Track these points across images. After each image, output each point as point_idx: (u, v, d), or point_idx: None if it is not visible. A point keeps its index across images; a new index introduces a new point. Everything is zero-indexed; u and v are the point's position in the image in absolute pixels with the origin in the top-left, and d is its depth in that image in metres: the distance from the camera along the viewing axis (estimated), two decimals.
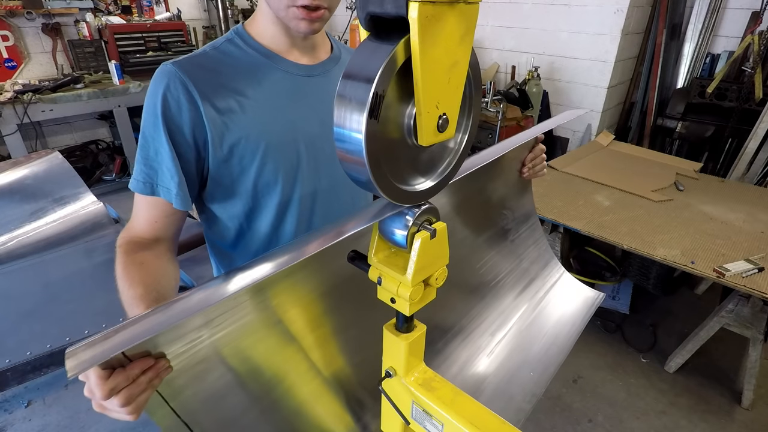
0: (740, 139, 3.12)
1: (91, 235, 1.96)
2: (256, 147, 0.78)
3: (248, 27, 0.84)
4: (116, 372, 0.48)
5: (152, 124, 0.74)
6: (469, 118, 0.58)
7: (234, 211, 0.85)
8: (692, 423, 1.94)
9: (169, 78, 0.74)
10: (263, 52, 0.82)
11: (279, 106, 0.81)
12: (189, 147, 0.76)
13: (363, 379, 0.80)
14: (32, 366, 1.47)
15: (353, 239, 0.58)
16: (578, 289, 1.32)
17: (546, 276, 1.30)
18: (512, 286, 1.20)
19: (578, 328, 1.19)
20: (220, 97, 0.76)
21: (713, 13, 3.26)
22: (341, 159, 0.48)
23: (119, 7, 4.02)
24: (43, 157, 2.20)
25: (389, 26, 0.43)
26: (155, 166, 0.76)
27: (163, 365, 0.51)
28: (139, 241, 0.79)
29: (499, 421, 0.60)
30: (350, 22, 4.28)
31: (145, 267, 0.74)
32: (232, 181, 0.81)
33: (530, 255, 1.27)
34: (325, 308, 0.71)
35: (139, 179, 0.78)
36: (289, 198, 0.85)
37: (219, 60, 0.79)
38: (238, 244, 0.89)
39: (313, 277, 0.67)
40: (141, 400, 0.50)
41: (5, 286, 1.68)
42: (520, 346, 1.11)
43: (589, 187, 2.48)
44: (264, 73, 0.81)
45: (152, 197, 0.78)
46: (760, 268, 1.75)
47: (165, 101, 0.73)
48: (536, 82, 3.64)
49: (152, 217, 0.80)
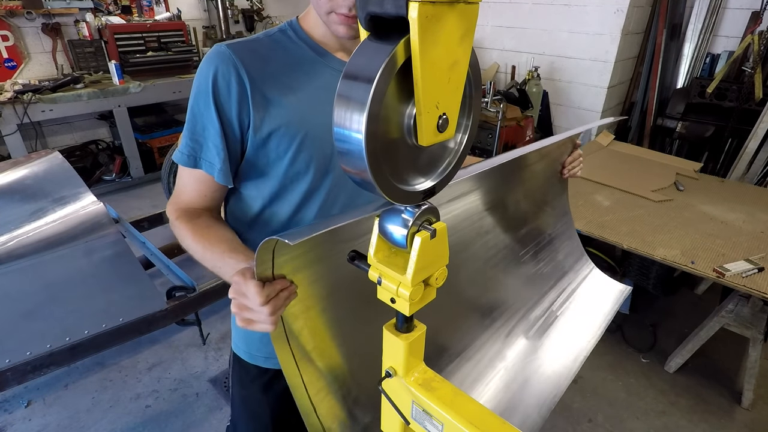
0: (740, 139, 3.12)
1: (91, 235, 1.95)
2: (294, 136, 0.81)
3: (302, 21, 0.86)
4: (267, 284, 0.58)
5: (203, 101, 0.78)
6: (469, 118, 0.58)
7: (261, 191, 0.88)
8: (692, 423, 1.94)
9: (221, 59, 0.77)
10: (313, 46, 0.84)
11: (321, 100, 0.83)
12: (234, 127, 0.80)
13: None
14: (32, 366, 1.47)
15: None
16: (607, 283, 1.45)
17: (578, 270, 1.43)
18: (549, 276, 1.32)
19: (607, 317, 1.31)
20: (268, 84, 0.79)
21: (713, 13, 3.26)
22: (341, 158, 0.48)
23: (119, 7, 4.02)
24: (43, 157, 2.20)
25: (389, 26, 0.43)
26: (201, 141, 0.81)
27: (293, 288, 0.61)
28: (193, 210, 0.86)
29: (499, 421, 0.60)
30: None
31: (214, 228, 0.81)
32: (267, 163, 0.84)
33: (565, 248, 1.39)
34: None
35: (184, 152, 0.82)
36: (316, 187, 0.87)
37: (271, 48, 0.82)
38: (256, 224, 0.92)
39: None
40: (279, 313, 0.60)
41: (5, 286, 1.68)
42: (556, 331, 1.23)
43: (589, 187, 2.47)
44: (311, 67, 0.83)
45: (196, 170, 0.83)
46: (760, 268, 1.75)
47: (215, 80, 0.76)
48: (536, 82, 3.64)
49: (201, 189, 0.86)
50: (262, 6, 4.93)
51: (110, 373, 2.12)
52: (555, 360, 1.15)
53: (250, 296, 0.58)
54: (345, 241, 0.69)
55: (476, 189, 1.00)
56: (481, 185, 1.01)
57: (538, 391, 1.06)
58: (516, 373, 1.08)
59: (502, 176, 1.08)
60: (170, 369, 2.14)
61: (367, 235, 0.61)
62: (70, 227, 1.94)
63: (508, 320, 1.16)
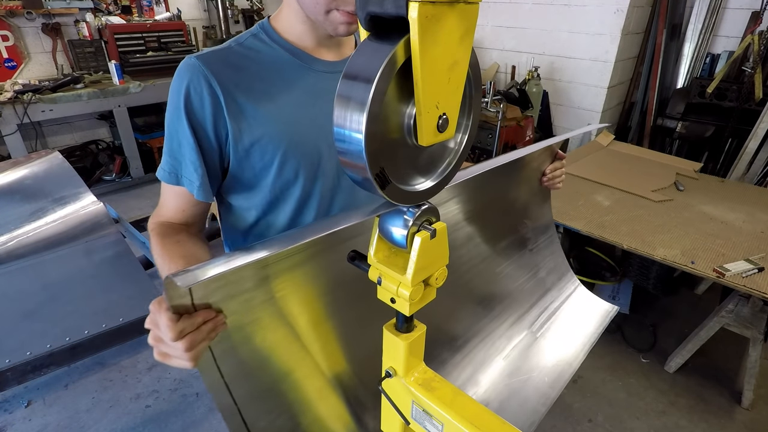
0: (740, 139, 3.12)
1: (91, 235, 1.96)
2: (277, 144, 0.79)
3: (274, 22, 0.83)
4: (184, 317, 0.52)
5: (175, 117, 0.76)
6: (469, 118, 0.58)
7: (252, 203, 0.86)
8: (692, 423, 1.94)
9: (192, 72, 0.74)
10: (290, 49, 0.81)
11: (302, 104, 0.80)
12: (211, 141, 0.77)
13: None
14: (32, 366, 1.47)
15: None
16: (593, 302, 1.36)
17: (562, 287, 1.34)
18: (530, 293, 1.23)
19: (592, 338, 1.22)
20: (243, 93, 0.76)
21: (713, 13, 3.26)
22: (341, 158, 0.48)
23: (119, 7, 4.02)
24: (43, 157, 2.20)
25: (389, 26, 0.43)
26: (179, 157, 0.78)
27: (221, 319, 0.55)
28: (171, 224, 0.83)
29: (499, 421, 0.60)
30: None
31: (182, 244, 0.77)
32: (253, 175, 0.82)
33: (547, 265, 1.31)
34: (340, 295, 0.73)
35: (165, 169, 0.80)
36: (308, 195, 0.86)
37: (243, 55, 0.79)
38: (254, 234, 0.91)
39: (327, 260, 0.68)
40: (200, 348, 0.54)
41: (5, 286, 1.68)
42: (535, 351, 1.15)
43: (589, 187, 2.47)
44: (288, 70, 0.80)
45: (178, 187, 0.81)
46: (760, 268, 1.75)
47: (187, 95, 0.74)
48: (536, 82, 3.64)
49: (180, 205, 0.83)
50: (262, 6, 4.94)
51: (110, 373, 2.12)
52: (532, 386, 1.07)
53: (162, 329, 0.52)
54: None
55: (447, 201, 0.92)
56: (452, 197, 0.93)
57: (514, 419, 0.99)
58: (490, 399, 1.01)
59: (474, 188, 0.98)
60: (170, 369, 2.14)
61: (367, 235, 0.61)
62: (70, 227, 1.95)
63: (482, 343, 1.08)
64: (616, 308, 1.34)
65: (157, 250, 0.76)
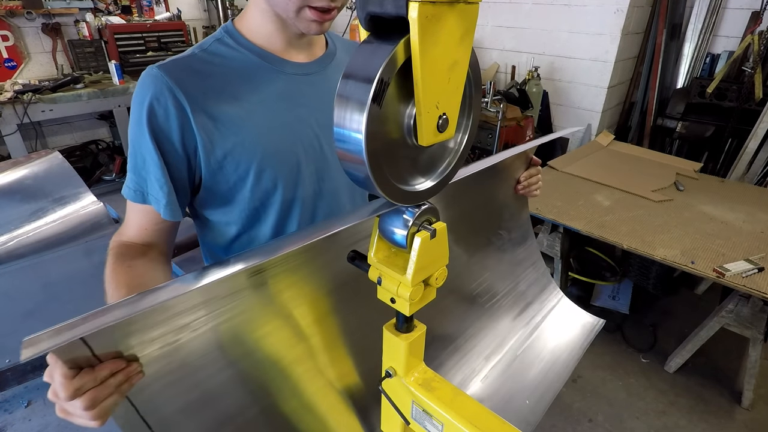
0: (740, 139, 3.12)
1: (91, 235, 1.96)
2: (252, 154, 0.75)
3: (239, 25, 0.79)
4: (83, 372, 0.45)
5: (138, 132, 0.71)
6: (469, 118, 0.58)
7: (231, 217, 0.81)
8: (692, 423, 1.94)
9: (154, 84, 0.69)
10: (257, 51, 0.77)
11: (275, 110, 0.77)
12: (179, 155, 0.73)
13: (362, 381, 0.80)
14: (32, 366, 1.47)
15: (351, 234, 0.57)
16: (577, 315, 1.28)
17: (544, 300, 1.27)
18: (509, 309, 1.16)
19: (577, 355, 1.15)
20: (212, 102, 0.72)
21: (713, 13, 3.26)
22: (341, 159, 0.48)
23: (119, 7, 4.02)
24: (43, 157, 2.20)
25: (389, 26, 0.43)
26: (144, 174, 0.74)
27: (134, 369, 0.48)
28: (130, 245, 0.78)
29: (499, 422, 0.60)
30: (350, 22, 4.28)
31: (133, 270, 0.71)
32: (228, 188, 0.77)
33: (527, 277, 1.24)
34: (323, 309, 0.70)
35: (130, 187, 0.75)
36: (290, 204, 0.82)
37: (209, 62, 0.75)
38: (237, 248, 0.86)
39: (306, 273, 0.65)
40: (107, 404, 0.47)
41: (5, 286, 1.68)
42: (515, 372, 1.07)
43: (589, 187, 2.47)
44: (258, 75, 0.77)
45: (144, 206, 0.76)
46: (760, 268, 1.75)
47: (151, 108, 0.69)
48: (536, 82, 3.64)
49: (143, 224, 0.78)
50: None
51: None
52: (512, 410, 0.99)
53: (56, 386, 0.45)
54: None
55: None
56: None
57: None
58: None
59: (441, 201, 0.91)
60: None
61: (367, 235, 0.61)
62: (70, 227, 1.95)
63: (458, 365, 1.00)
64: (601, 321, 1.27)
65: (106, 275, 0.70)
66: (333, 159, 0.84)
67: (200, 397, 0.56)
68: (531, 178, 1.10)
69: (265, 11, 0.76)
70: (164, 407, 0.53)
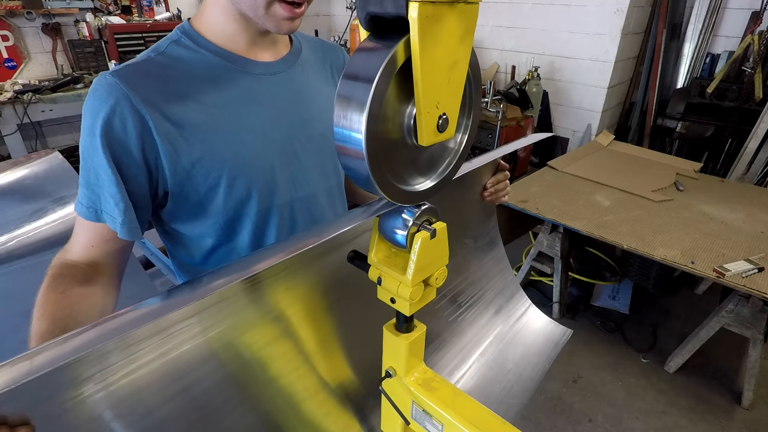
0: (740, 139, 3.12)
1: None
2: (222, 161, 0.70)
3: (197, 24, 0.73)
4: None
5: (90, 145, 0.64)
6: (469, 118, 0.58)
7: (204, 229, 0.76)
8: (692, 423, 1.94)
9: (109, 92, 0.64)
10: (219, 52, 0.72)
11: (243, 113, 0.72)
12: (139, 168, 0.66)
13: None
14: None
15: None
16: (545, 325, 1.22)
17: (511, 309, 1.21)
18: (473, 321, 1.10)
19: (543, 366, 1.09)
20: (174, 109, 0.67)
21: (713, 13, 3.26)
22: (342, 159, 0.48)
23: (119, 7, 4.01)
24: (43, 157, 2.20)
25: (389, 26, 0.43)
26: (96, 190, 0.67)
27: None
28: (72, 265, 0.69)
29: (499, 422, 0.60)
30: (350, 22, 4.28)
31: (65, 299, 0.63)
32: (199, 199, 0.72)
33: (495, 286, 1.17)
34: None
35: (83, 203, 0.68)
36: (266, 212, 0.77)
37: (168, 66, 0.69)
38: (212, 261, 0.80)
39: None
40: None
41: (5, 286, 1.68)
42: (481, 384, 1.02)
43: (589, 187, 2.48)
44: (222, 77, 0.72)
45: (97, 224, 0.69)
46: (760, 268, 1.75)
47: (105, 119, 0.63)
48: (536, 82, 3.64)
49: (90, 241, 0.70)
50: None
51: None
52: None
53: None
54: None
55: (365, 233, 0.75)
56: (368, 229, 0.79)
57: None
58: None
59: None
60: None
61: (367, 235, 0.61)
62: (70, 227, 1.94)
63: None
64: (569, 332, 1.21)
65: (37, 299, 0.63)
66: (308, 162, 0.81)
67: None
68: (498, 184, 1.02)
69: (227, 9, 0.71)
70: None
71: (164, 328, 0.48)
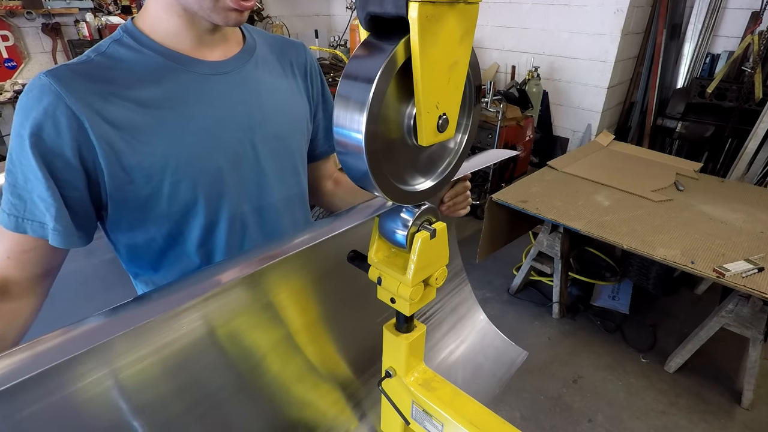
0: (740, 139, 3.12)
1: None
2: (164, 164, 0.67)
3: (140, 23, 0.70)
4: None
5: (19, 147, 0.61)
6: (469, 118, 0.58)
7: (149, 234, 0.73)
8: (692, 423, 1.94)
9: (43, 93, 0.61)
10: (163, 52, 0.69)
11: (189, 114, 0.69)
12: (75, 171, 0.63)
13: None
14: None
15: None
16: (500, 344, 1.16)
17: (465, 327, 1.15)
18: (426, 338, 1.01)
19: (493, 390, 1.03)
20: (113, 110, 0.64)
21: (713, 13, 3.26)
22: (341, 159, 0.48)
23: (119, 7, 4.02)
24: None
25: (389, 26, 0.43)
26: (24, 195, 0.63)
27: None
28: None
29: (499, 422, 0.60)
30: (350, 22, 4.28)
31: None
32: (141, 204, 0.69)
33: (449, 303, 1.12)
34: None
35: (5, 210, 0.64)
36: (215, 217, 0.75)
37: (108, 67, 0.66)
38: (162, 266, 0.78)
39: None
40: None
41: None
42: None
43: (589, 187, 2.48)
44: (166, 77, 0.69)
45: (18, 235, 0.64)
46: (760, 268, 1.75)
47: (38, 120, 0.60)
48: (536, 82, 3.64)
49: (3, 251, 0.65)
50: (261, 6, 4.93)
51: None
52: None
53: None
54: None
55: (298, 270, 0.68)
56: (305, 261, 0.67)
57: None
58: None
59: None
60: None
61: (367, 235, 0.61)
62: None
63: (358, 406, 0.86)
64: (524, 353, 1.14)
65: None
66: (264, 165, 0.79)
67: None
68: (457, 197, 0.95)
69: (169, 5, 0.68)
70: None
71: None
